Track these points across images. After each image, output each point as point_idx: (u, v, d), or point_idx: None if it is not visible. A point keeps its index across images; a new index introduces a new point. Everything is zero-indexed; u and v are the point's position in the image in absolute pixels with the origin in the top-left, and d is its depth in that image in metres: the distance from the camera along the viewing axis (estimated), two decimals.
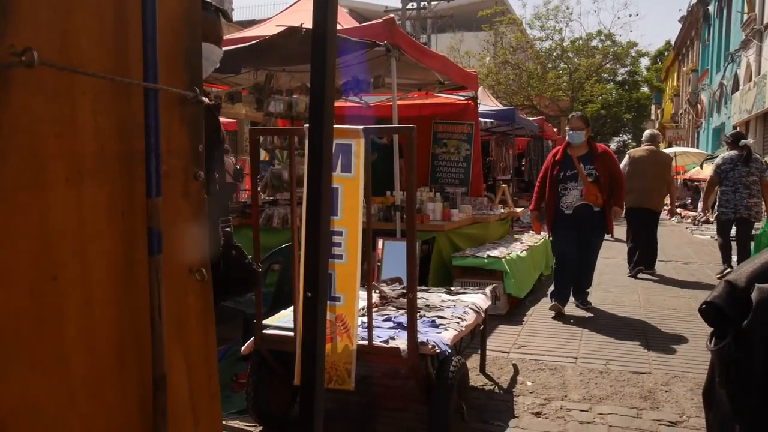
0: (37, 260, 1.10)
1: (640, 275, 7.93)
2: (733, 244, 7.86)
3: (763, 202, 7.53)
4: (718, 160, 8.03)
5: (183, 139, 1.44)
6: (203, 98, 1.46)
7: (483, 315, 3.80)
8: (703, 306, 1.79)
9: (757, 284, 1.66)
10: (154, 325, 1.28)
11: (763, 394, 1.64)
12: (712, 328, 1.81)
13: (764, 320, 1.61)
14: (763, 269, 1.72)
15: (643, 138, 8.45)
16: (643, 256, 7.97)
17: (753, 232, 7.64)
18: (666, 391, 3.79)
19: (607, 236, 6.06)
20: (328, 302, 2.65)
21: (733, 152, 7.65)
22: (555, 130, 17.75)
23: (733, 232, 7.80)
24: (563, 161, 5.72)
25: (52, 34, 1.13)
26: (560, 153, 5.79)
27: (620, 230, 8.72)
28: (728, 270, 7.52)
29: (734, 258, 7.80)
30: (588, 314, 5.89)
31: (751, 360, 1.65)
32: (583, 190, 5.56)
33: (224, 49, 5.89)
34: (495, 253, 6.12)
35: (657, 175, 7.71)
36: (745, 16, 18.42)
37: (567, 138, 5.77)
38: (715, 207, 8.14)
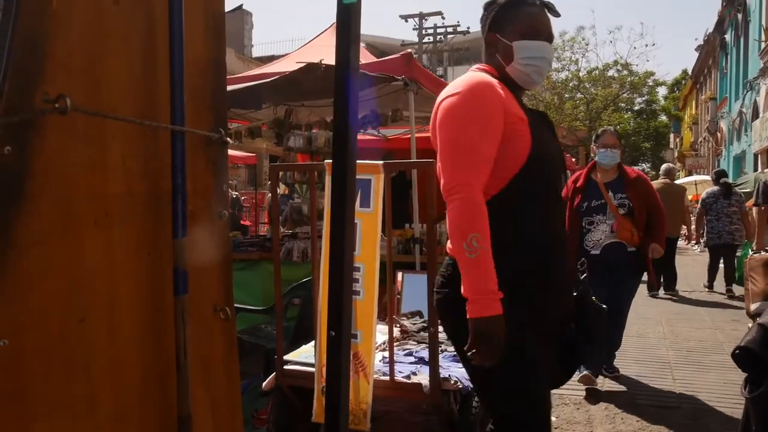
0: (67, 302, 1.12)
1: (663, 295, 8.77)
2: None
3: (743, 228, 8.73)
4: (703, 195, 9.41)
5: (208, 179, 1.46)
6: (227, 139, 1.49)
7: None
8: (737, 351, 1.75)
9: None
10: (180, 365, 1.29)
11: None
12: (746, 374, 1.76)
13: None
14: None
15: (660, 172, 9.70)
16: (663, 279, 8.87)
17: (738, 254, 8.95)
18: (695, 427, 3.70)
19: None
20: None
21: (716, 187, 9.09)
22: (573, 160, 17.70)
23: None
24: (587, 189, 4.56)
25: (85, 80, 1.17)
26: (582, 178, 4.64)
27: None
28: (707, 287, 9.32)
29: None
30: (617, 386, 4.58)
31: None
32: (614, 224, 4.39)
33: (245, 84, 6.01)
34: None
35: (672, 206, 8.21)
36: (763, 44, 18.38)
37: (596, 158, 4.62)
38: (704, 235, 9.60)
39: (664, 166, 9.68)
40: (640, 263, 4.44)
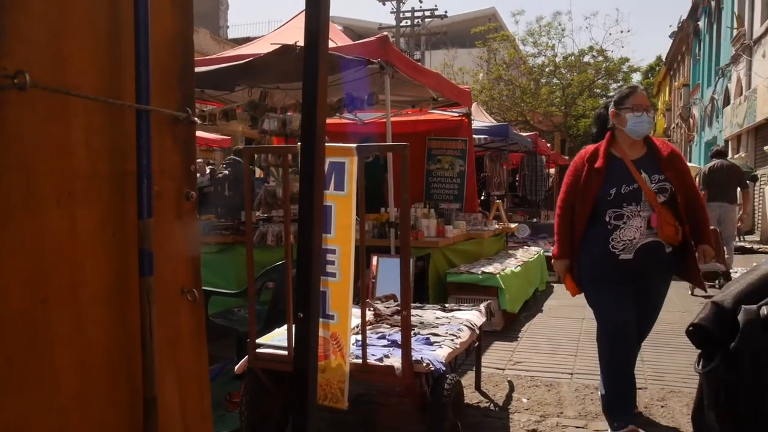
0: (28, 282, 1.10)
1: None
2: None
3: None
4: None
5: (175, 160, 1.44)
6: (195, 118, 1.47)
7: (478, 332, 3.79)
8: (690, 328, 1.78)
9: (743, 306, 1.65)
10: (146, 347, 1.28)
11: (752, 416, 1.63)
12: (700, 350, 1.80)
13: (751, 342, 1.60)
14: (750, 290, 1.71)
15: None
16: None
17: None
18: (662, 407, 3.78)
19: None
20: (321, 320, 2.64)
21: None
22: (549, 145, 17.83)
23: None
24: (611, 170, 3.26)
25: (46, 56, 1.14)
26: (602, 156, 3.29)
27: None
28: None
29: None
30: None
31: (739, 382, 1.64)
32: (653, 217, 3.19)
33: (219, 66, 5.94)
34: (489, 269, 6.12)
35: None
36: (735, 32, 18.63)
37: (627, 126, 3.28)
38: None
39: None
40: (678, 265, 3.37)
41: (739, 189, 8.42)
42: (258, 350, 3.10)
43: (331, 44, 4.98)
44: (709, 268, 6.78)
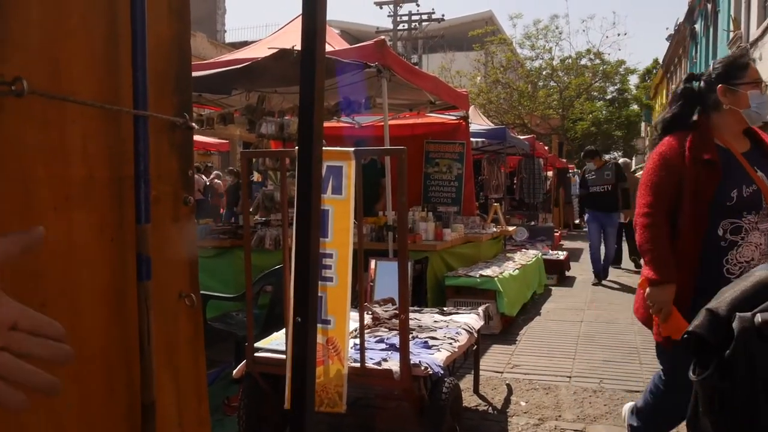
0: (26, 288, 1.10)
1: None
2: None
3: None
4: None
5: (172, 165, 1.44)
6: (193, 123, 1.47)
7: (476, 335, 3.79)
8: (685, 335, 1.77)
9: (738, 313, 1.64)
10: (143, 352, 1.28)
11: (747, 423, 1.63)
12: (695, 358, 1.79)
13: (746, 350, 1.60)
14: (744, 296, 1.71)
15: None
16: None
17: None
18: None
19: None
20: (319, 325, 2.64)
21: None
22: (546, 148, 17.85)
23: None
24: (730, 165, 2.48)
25: (43, 62, 1.14)
26: (711, 147, 2.50)
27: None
28: None
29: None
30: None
31: (734, 390, 1.64)
32: None
33: (216, 70, 5.94)
34: (487, 272, 6.12)
35: (633, 193, 9.50)
36: (731, 34, 18.68)
37: (751, 106, 2.50)
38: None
39: (621, 161, 11.09)
40: None
41: None
42: (256, 354, 3.10)
43: (328, 48, 4.99)
44: None
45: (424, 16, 29.69)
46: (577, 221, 19.93)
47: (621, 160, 11.19)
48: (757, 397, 1.59)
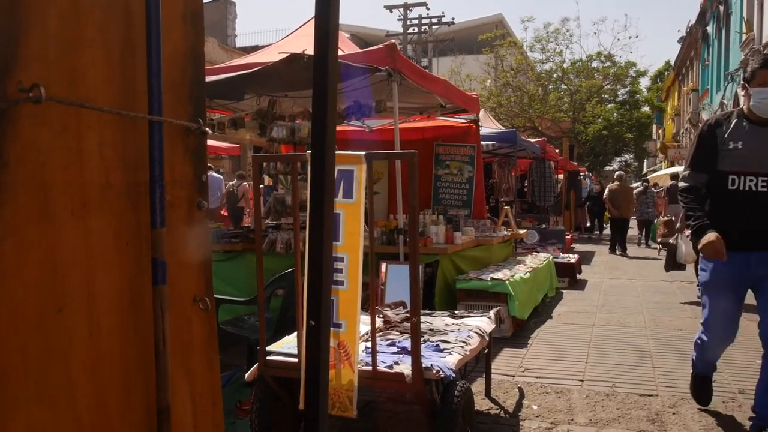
0: (44, 292, 1.11)
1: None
2: None
3: (655, 210, 15.16)
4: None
5: (187, 170, 1.46)
6: (206, 129, 1.49)
7: (487, 339, 3.79)
8: None
9: None
10: (159, 355, 1.29)
11: None
12: None
13: None
14: None
15: (615, 177, 14.51)
16: (620, 245, 13.98)
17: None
18: (674, 414, 3.76)
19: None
20: (330, 329, 2.65)
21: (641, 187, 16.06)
22: (557, 151, 17.79)
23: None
24: None
25: (61, 70, 1.16)
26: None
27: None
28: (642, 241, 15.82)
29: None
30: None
31: None
32: None
33: (228, 75, 5.97)
34: (498, 275, 6.11)
35: (628, 198, 14.08)
36: (744, 36, 18.54)
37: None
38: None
39: (617, 173, 14.50)
40: None
41: None
42: (268, 358, 3.11)
43: (339, 52, 5.01)
44: None
45: (434, 20, 29.71)
46: (588, 224, 19.87)
47: (616, 174, 14.43)
48: None
